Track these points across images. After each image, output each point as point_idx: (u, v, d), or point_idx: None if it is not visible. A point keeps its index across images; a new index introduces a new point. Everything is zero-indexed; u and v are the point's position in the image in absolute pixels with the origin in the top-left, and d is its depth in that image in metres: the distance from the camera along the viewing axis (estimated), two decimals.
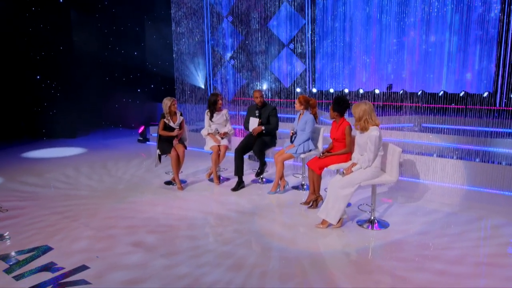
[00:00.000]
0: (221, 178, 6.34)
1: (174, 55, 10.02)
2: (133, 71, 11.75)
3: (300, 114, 5.57)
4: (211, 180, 6.22)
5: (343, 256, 3.81)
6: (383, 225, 4.45)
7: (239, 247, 3.97)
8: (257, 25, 11.02)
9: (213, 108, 6.12)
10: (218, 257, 3.78)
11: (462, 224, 4.50)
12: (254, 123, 5.83)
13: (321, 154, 4.95)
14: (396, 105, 8.97)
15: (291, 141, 5.53)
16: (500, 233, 4.27)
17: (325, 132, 5.66)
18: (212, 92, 10.68)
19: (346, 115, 4.89)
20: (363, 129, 4.20)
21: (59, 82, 10.41)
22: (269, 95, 11.40)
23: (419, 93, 9.02)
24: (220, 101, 6.12)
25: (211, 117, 6.15)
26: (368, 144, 4.14)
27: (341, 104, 4.78)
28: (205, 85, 11.38)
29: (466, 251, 3.82)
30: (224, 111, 6.22)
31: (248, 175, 6.37)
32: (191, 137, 7.08)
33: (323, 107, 9.81)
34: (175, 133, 5.88)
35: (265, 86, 11.52)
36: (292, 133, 5.57)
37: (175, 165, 5.81)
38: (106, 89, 11.47)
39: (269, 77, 11.48)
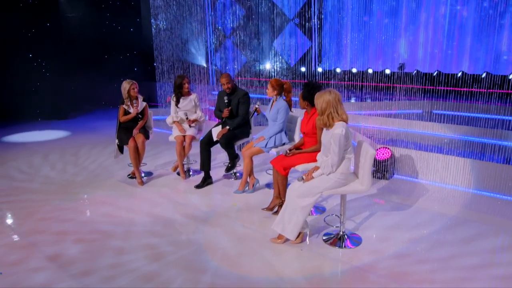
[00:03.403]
0: (191, 171, 5.63)
1: (153, 31, 9.19)
2: (130, 49, 11.10)
3: (273, 101, 4.73)
4: (179, 173, 5.52)
5: (290, 284, 3.04)
6: (354, 241, 3.62)
7: (168, 267, 3.28)
8: None
9: (179, 92, 5.36)
10: (136, 280, 3.10)
11: (456, 244, 3.60)
12: (216, 131, 5.08)
13: (288, 151, 4.11)
14: (406, 87, 7.86)
15: (250, 117, 4.85)
16: (506, 260, 3.34)
17: None
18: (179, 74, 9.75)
19: None
20: (326, 126, 3.34)
21: (49, 61, 9.91)
22: (273, 75, 10.48)
23: (435, 74, 7.87)
24: (186, 84, 5.34)
25: (177, 102, 5.40)
26: (332, 145, 3.28)
27: (311, 91, 3.90)
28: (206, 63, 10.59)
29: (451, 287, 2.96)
30: (193, 96, 5.45)
31: (222, 169, 5.63)
32: None
33: (338, 89, 8.85)
34: (133, 113, 5.19)
35: (268, 66, 10.60)
36: (255, 108, 4.77)
37: (133, 157, 5.14)
38: (102, 68, 10.91)
39: (272, 55, 10.53)
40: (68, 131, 8.72)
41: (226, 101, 5.06)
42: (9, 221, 4.22)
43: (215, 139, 5.03)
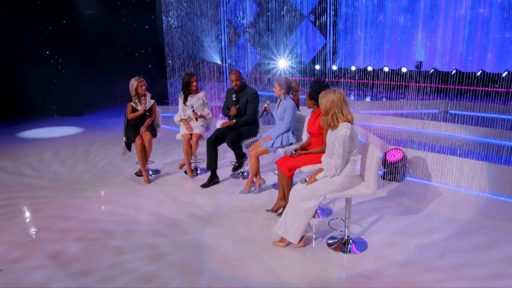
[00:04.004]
0: (199, 170, 5.58)
1: (164, 28, 9.14)
2: (144, 46, 11.13)
3: (280, 100, 4.62)
4: (186, 172, 5.47)
5: None
6: (360, 246, 3.50)
7: (167, 268, 3.23)
8: None
9: (187, 90, 5.30)
10: (134, 281, 3.06)
11: (468, 252, 3.43)
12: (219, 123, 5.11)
13: (293, 152, 4.00)
14: (423, 86, 7.62)
15: (259, 117, 4.86)
16: None
17: None
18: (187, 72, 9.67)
19: None
20: (331, 126, 3.22)
21: (65, 57, 10.01)
22: (287, 73, 10.33)
23: (453, 72, 7.60)
24: (194, 82, 5.27)
25: (185, 100, 5.35)
26: (336, 147, 3.15)
27: (318, 90, 3.77)
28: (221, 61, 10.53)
29: None
30: (201, 94, 5.38)
31: (230, 168, 5.56)
32: None
33: (343, 87, 8.66)
34: (141, 110, 5.16)
35: (282, 63, 10.46)
36: (265, 107, 4.69)
37: (140, 155, 5.12)
38: (117, 65, 10.97)
39: (286, 53, 10.38)
40: (82, 127, 8.79)
41: (234, 99, 4.98)
42: (15, 217, 4.23)
43: (217, 126, 5.06)
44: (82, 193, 4.88)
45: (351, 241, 3.50)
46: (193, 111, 5.25)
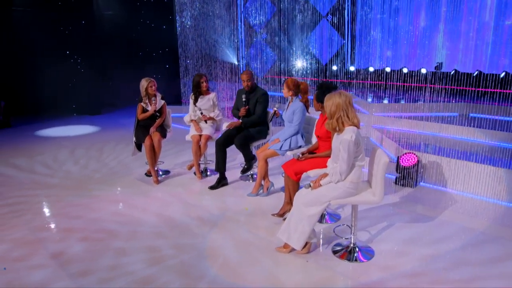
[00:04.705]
0: (208, 171, 5.52)
1: (178, 28, 9.14)
2: (162, 46, 11.18)
3: (289, 102, 4.52)
4: (196, 173, 5.43)
5: None
6: (366, 254, 3.36)
7: (166, 272, 3.17)
8: None
9: (197, 91, 5.26)
10: (132, 284, 3.03)
11: (481, 263, 3.25)
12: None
13: (300, 155, 3.89)
14: (442, 88, 7.36)
15: (269, 120, 4.82)
16: None
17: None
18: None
19: None
20: (336, 130, 3.10)
21: (85, 58, 10.17)
22: (304, 74, 10.20)
23: (475, 73, 7.31)
24: (205, 83, 5.23)
25: (195, 101, 5.31)
26: (341, 151, 3.03)
27: (326, 92, 3.63)
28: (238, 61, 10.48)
29: None
30: (212, 95, 5.33)
31: (239, 169, 5.49)
32: None
33: (360, 89, 8.46)
34: (151, 110, 5.16)
35: (299, 64, 10.32)
36: (274, 110, 4.61)
37: (149, 156, 5.10)
38: (136, 65, 11.07)
39: (304, 53, 10.24)
40: (99, 126, 8.90)
41: (244, 99, 4.91)
42: (23, 215, 4.27)
43: (224, 127, 5.03)
44: (91, 192, 4.90)
45: (357, 249, 3.37)
46: (201, 113, 5.20)
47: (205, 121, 5.27)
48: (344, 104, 3.02)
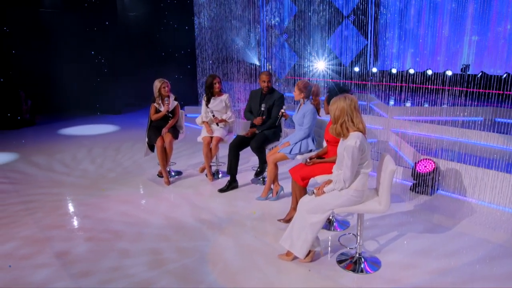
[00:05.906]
0: (220, 173, 5.48)
1: (195, 28, 9.12)
2: (184, 47, 11.24)
3: (300, 104, 4.41)
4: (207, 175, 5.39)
5: None
6: (372, 265, 3.22)
7: (165, 275, 3.14)
8: None
9: (209, 92, 5.23)
10: (131, 286, 3.01)
11: (496, 279, 3.05)
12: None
13: (308, 160, 3.79)
14: (469, 91, 7.04)
15: (276, 123, 4.71)
16: None
17: None
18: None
19: None
20: (340, 136, 2.98)
21: (108, 58, 10.36)
22: (326, 75, 10.01)
23: (504, 76, 6.95)
24: (217, 84, 5.19)
25: (208, 102, 5.28)
26: (345, 158, 2.91)
27: (336, 95, 3.53)
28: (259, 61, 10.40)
29: None
30: (224, 97, 5.28)
31: (251, 172, 5.43)
32: None
33: (381, 91, 8.21)
34: (163, 111, 5.16)
35: (321, 65, 10.14)
36: (282, 112, 4.54)
37: (160, 157, 5.11)
38: (158, 66, 11.20)
39: (326, 54, 10.06)
40: (119, 125, 9.04)
41: (262, 109, 4.82)
42: (34, 213, 4.35)
43: (240, 133, 4.98)
44: (102, 192, 4.95)
45: (362, 259, 3.24)
46: (213, 116, 5.17)
47: (217, 124, 5.23)
48: (348, 109, 2.90)
